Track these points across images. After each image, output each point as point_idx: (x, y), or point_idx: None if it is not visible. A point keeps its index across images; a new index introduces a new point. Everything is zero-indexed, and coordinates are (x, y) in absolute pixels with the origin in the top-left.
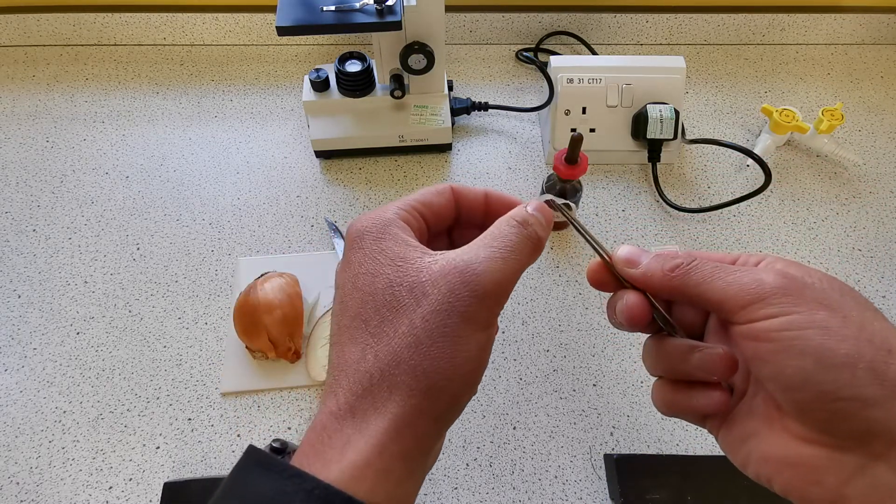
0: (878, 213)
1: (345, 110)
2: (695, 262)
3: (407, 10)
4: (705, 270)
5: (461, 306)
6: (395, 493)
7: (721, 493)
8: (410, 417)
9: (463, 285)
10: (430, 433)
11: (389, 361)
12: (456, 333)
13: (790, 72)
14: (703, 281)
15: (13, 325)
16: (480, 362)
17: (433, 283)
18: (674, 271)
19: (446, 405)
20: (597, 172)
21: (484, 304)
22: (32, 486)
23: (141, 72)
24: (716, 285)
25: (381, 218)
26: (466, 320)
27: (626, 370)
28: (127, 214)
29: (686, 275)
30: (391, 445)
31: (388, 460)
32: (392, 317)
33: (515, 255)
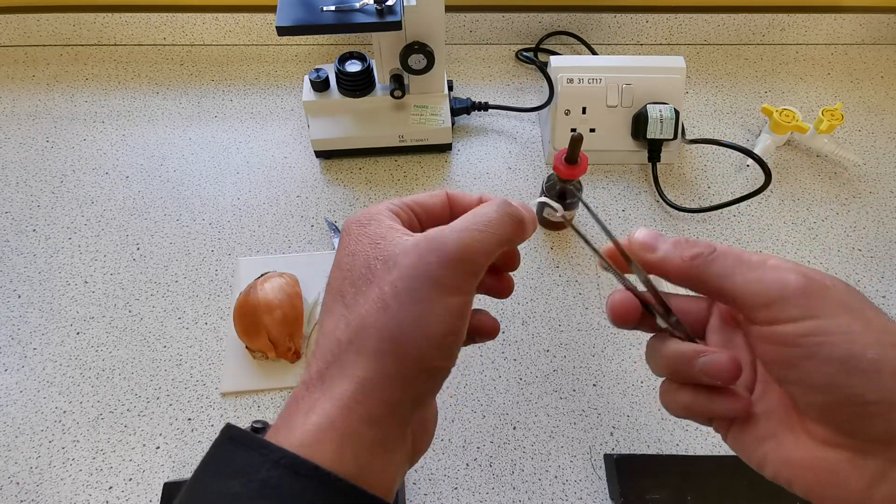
0: (878, 213)
1: (345, 110)
2: (715, 252)
3: (407, 10)
4: (727, 263)
5: (428, 271)
6: (365, 462)
7: (721, 493)
8: (378, 380)
9: (431, 251)
10: (400, 401)
11: (358, 327)
12: (423, 297)
13: (790, 72)
14: (724, 274)
15: (13, 325)
16: (452, 328)
17: (405, 253)
18: (694, 259)
19: (416, 369)
20: (597, 172)
21: (451, 269)
22: (32, 486)
23: (141, 72)
24: (737, 280)
25: (370, 209)
26: (435, 284)
27: (626, 370)
28: (127, 214)
29: (706, 264)
30: (356, 408)
31: (354, 423)
32: (365, 287)
33: (492, 230)
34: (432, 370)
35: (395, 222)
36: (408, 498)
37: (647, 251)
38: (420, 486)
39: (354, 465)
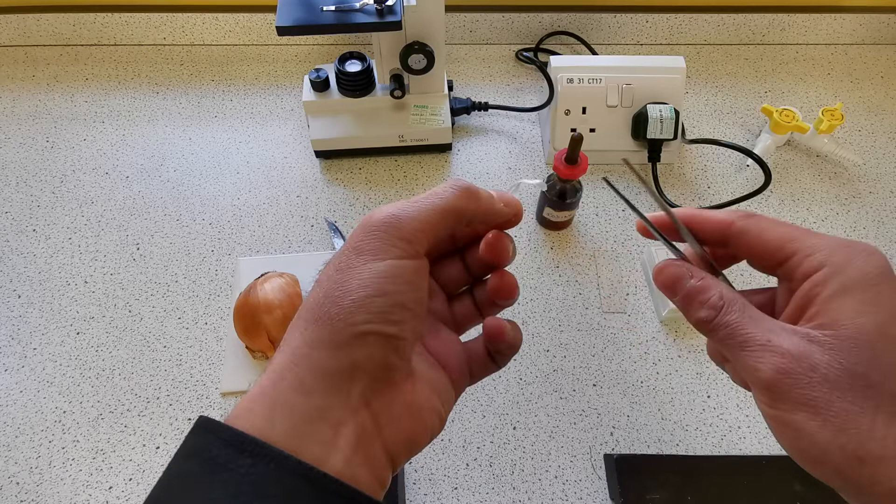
0: (878, 213)
1: (345, 110)
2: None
3: (407, 10)
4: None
5: (353, 241)
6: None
7: (721, 493)
8: (307, 348)
9: (360, 227)
10: (333, 368)
11: (303, 306)
12: (347, 265)
13: (790, 72)
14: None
15: (13, 325)
16: (378, 290)
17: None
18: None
19: (344, 334)
20: (597, 172)
21: (375, 236)
22: (32, 486)
23: (141, 72)
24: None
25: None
26: (358, 252)
27: (626, 370)
28: (127, 214)
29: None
30: (287, 374)
31: (285, 390)
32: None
33: (432, 198)
34: (362, 334)
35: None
36: (408, 498)
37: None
38: (420, 486)
39: (289, 434)
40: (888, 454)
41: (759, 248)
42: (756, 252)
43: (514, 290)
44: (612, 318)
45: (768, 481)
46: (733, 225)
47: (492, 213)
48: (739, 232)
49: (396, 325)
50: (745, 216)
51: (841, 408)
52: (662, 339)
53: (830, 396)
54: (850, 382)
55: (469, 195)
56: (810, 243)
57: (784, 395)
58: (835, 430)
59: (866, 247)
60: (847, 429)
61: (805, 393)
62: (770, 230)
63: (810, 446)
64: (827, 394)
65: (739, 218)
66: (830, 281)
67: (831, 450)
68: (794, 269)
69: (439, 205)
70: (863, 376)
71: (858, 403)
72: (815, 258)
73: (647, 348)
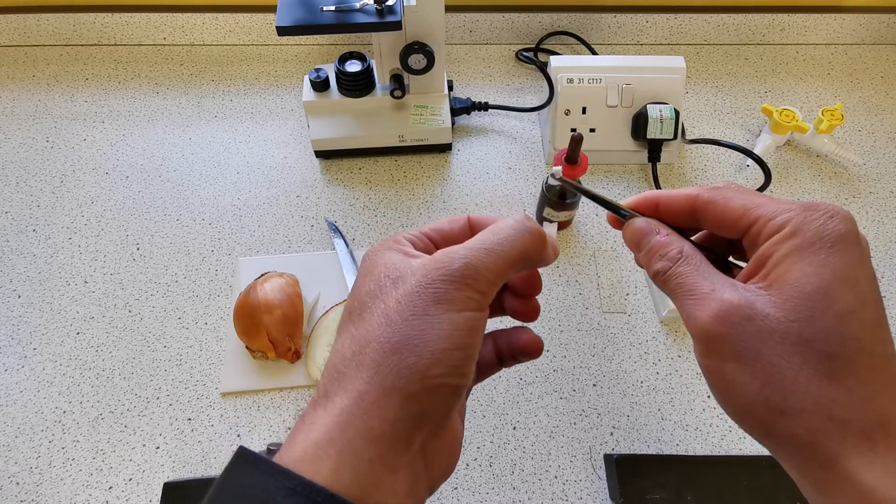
0: (878, 213)
1: (345, 110)
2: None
3: (407, 10)
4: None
5: (432, 287)
6: (366, 480)
7: (721, 493)
8: (377, 394)
9: (436, 269)
10: (401, 417)
11: (361, 341)
12: (426, 312)
13: (790, 72)
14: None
15: (13, 325)
16: (456, 343)
17: (413, 272)
18: (655, 276)
19: (418, 385)
20: (597, 172)
21: (454, 285)
22: (32, 486)
23: (141, 72)
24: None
25: (388, 239)
26: (437, 300)
27: (626, 370)
28: (127, 214)
29: (662, 283)
30: (354, 422)
31: (352, 437)
32: (372, 303)
33: (504, 247)
34: (436, 387)
35: (409, 248)
36: None
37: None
38: None
39: (354, 483)
40: (807, 407)
41: (725, 216)
42: (721, 220)
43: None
44: (612, 318)
45: (768, 481)
46: (699, 196)
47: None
48: (705, 202)
49: (466, 377)
50: (711, 188)
51: (769, 360)
52: (662, 339)
53: (760, 349)
54: (783, 336)
55: (540, 243)
56: (773, 208)
57: (717, 345)
58: (761, 383)
59: (829, 209)
60: (772, 382)
61: (737, 342)
62: (735, 198)
63: (737, 398)
64: (757, 345)
65: (705, 190)
66: (786, 242)
67: (756, 401)
68: (757, 233)
69: (513, 256)
70: (796, 332)
71: (786, 357)
72: (777, 221)
73: (647, 348)
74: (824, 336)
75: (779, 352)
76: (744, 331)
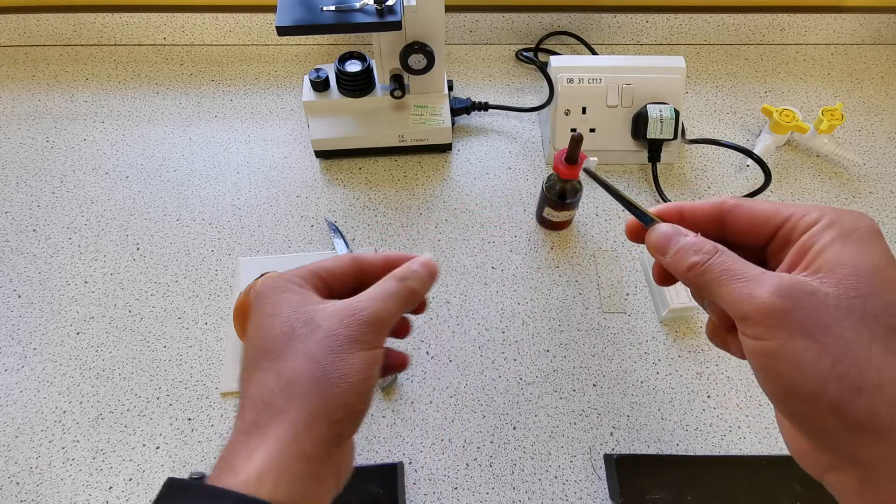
0: (878, 213)
1: (345, 110)
2: (710, 261)
3: (407, 10)
4: (715, 272)
5: (348, 331)
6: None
7: (721, 493)
8: (308, 421)
9: (349, 316)
10: (328, 438)
11: (288, 377)
12: (345, 350)
13: (790, 72)
14: (712, 284)
15: (13, 325)
16: (367, 374)
17: (326, 317)
18: (690, 270)
19: (342, 411)
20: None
21: (366, 329)
22: (32, 485)
23: (141, 72)
24: (721, 291)
25: (280, 278)
26: (353, 340)
27: (626, 370)
28: (127, 214)
29: (700, 275)
30: (291, 447)
31: (290, 461)
32: (290, 343)
33: (392, 302)
34: (353, 412)
35: (306, 290)
36: (408, 498)
37: (659, 253)
38: (420, 486)
39: (290, 496)
40: (886, 383)
41: (756, 217)
42: (751, 221)
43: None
44: (612, 318)
45: (768, 481)
46: (725, 203)
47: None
48: (732, 208)
49: (371, 401)
50: (734, 198)
51: (839, 335)
52: (662, 339)
53: (830, 322)
54: (848, 311)
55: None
56: (803, 208)
57: (781, 321)
58: (833, 359)
59: (857, 211)
60: (845, 357)
61: (805, 316)
62: (761, 203)
63: (807, 378)
64: (826, 318)
65: (728, 199)
66: (826, 232)
67: (830, 380)
68: (792, 228)
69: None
70: (860, 307)
71: (855, 332)
72: (811, 216)
73: (647, 348)
74: (889, 310)
75: (847, 326)
76: (809, 304)
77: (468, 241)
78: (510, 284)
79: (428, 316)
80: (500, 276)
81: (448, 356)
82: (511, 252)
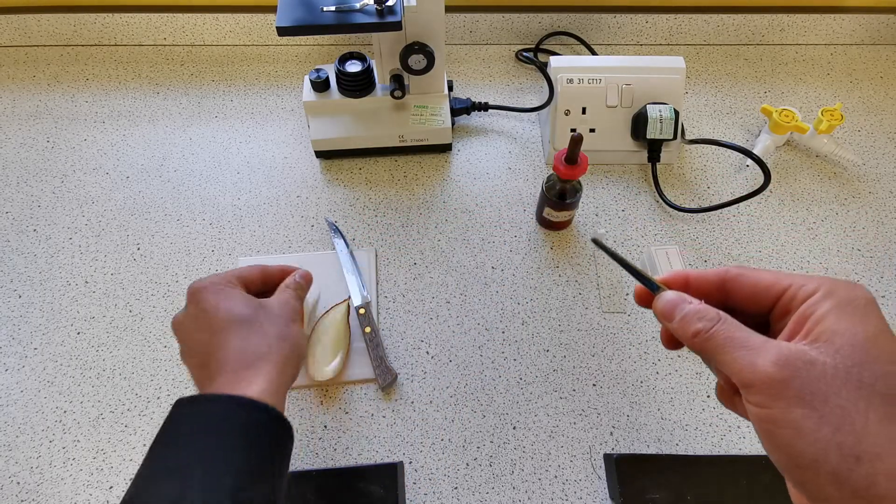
0: (877, 213)
1: (345, 110)
2: (713, 329)
3: (407, 10)
4: (718, 340)
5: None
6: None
7: (721, 493)
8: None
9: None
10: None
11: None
12: (290, 321)
13: (790, 72)
14: (716, 351)
15: (14, 324)
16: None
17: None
18: (695, 336)
19: (299, 360)
20: (597, 172)
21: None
22: (33, 485)
23: (141, 72)
24: (724, 359)
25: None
26: (292, 318)
27: (626, 370)
28: (127, 214)
29: (705, 342)
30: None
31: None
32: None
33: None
34: (301, 355)
35: (239, 288)
36: (408, 498)
37: (666, 320)
38: (420, 485)
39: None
40: (884, 452)
41: (758, 285)
42: (754, 289)
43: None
44: (612, 318)
45: (768, 481)
46: (728, 271)
47: None
48: (736, 275)
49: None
50: (737, 267)
51: (837, 404)
52: None
53: (828, 391)
54: (845, 380)
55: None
56: (802, 278)
57: (782, 390)
58: (832, 428)
59: (852, 282)
60: (843, 426)
61: (803, 386)
62: (762, 273)
63: (807, 446)
64: (824, 388)
65: (731, 267)
66: (824, 302)
67: (829, 448)
68: (791, 297)
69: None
70: (856, 376)
71: (853, 401)
72: (809, 286)
73: (647, 348)
74: (884, 379)
75: (845, 395)
76: (808, 374)
77: (468, 241)
78: (510, 284)
79: (428, 316)
80: (500, 276)
81: (448, 356)
82: (511, 252)
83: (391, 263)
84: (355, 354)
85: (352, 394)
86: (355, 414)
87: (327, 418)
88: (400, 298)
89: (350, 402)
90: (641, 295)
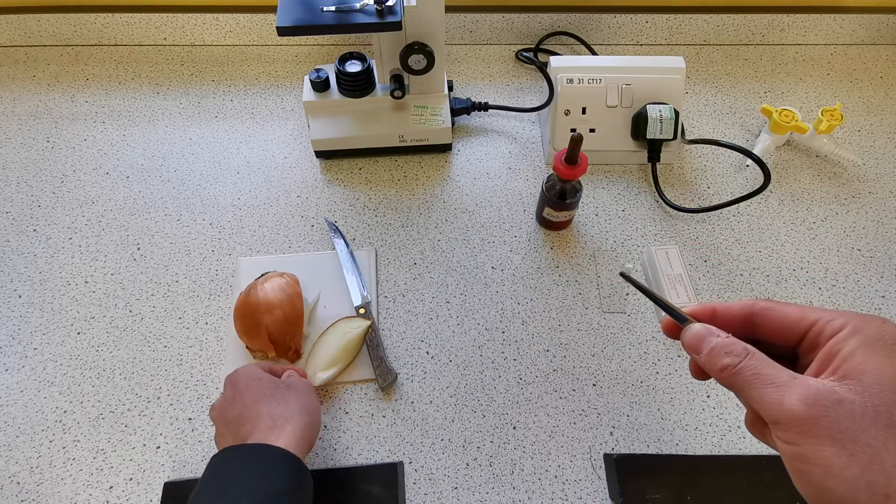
0: (877, 213)
1: (345, 110)
2: (741, 364)
3: (407, 10)
4: (746, 376)
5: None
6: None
7: (721, 493)
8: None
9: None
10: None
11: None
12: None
13: (790, 72)
14: (744, 387)
15: (14, 325)
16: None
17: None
18: (723, 371)
19: (316, 424)
20: (597, 172)
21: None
22: (33, 485)
23: (141, 72)
24: (752, 394)
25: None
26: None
27: (626, 370)
28: (127, 214)
29: (733, 377)
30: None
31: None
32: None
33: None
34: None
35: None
36: (408, 498)
37: (694, 352)
38: (420, 486)
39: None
40: None
41: (785, 320)
42: (781, 323)
43: None
44: (612, 318)
45: (768, 481)
46: (755, 305)
47: None
48: (762, 311)
49: None
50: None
51: (866, 443)
52: (662, 339)
53: (856, 430)
54: (874, 419)
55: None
56: (829, 313)
57: (811, 428)
58: (862, 467)
59: (881, 317)
60: (873, 465)
61: (832, 424)
62: (789, 307)
63: (837, 484)
64: (853, 427)
65: (758, 301)
66: (851, 339)
67: (859, 487)
68: (818, 333)
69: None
70: (885, 414)
71: (882, 440)
72: (836, 322)
73: (647, 348)
74: None
75: (874, 434)
76: (837, 413)
77: (468, 241)
78: (510, 284)
79: (428, 316)
80: (500, 276)
81: (448, 356)
82: (511, 252)
83: (391, 263)
84: None
85: (352, 394)
86: (355, 414)
87: (327, 418)
88: (400, 298)
89: (350, 402)
90: (669, 327)
